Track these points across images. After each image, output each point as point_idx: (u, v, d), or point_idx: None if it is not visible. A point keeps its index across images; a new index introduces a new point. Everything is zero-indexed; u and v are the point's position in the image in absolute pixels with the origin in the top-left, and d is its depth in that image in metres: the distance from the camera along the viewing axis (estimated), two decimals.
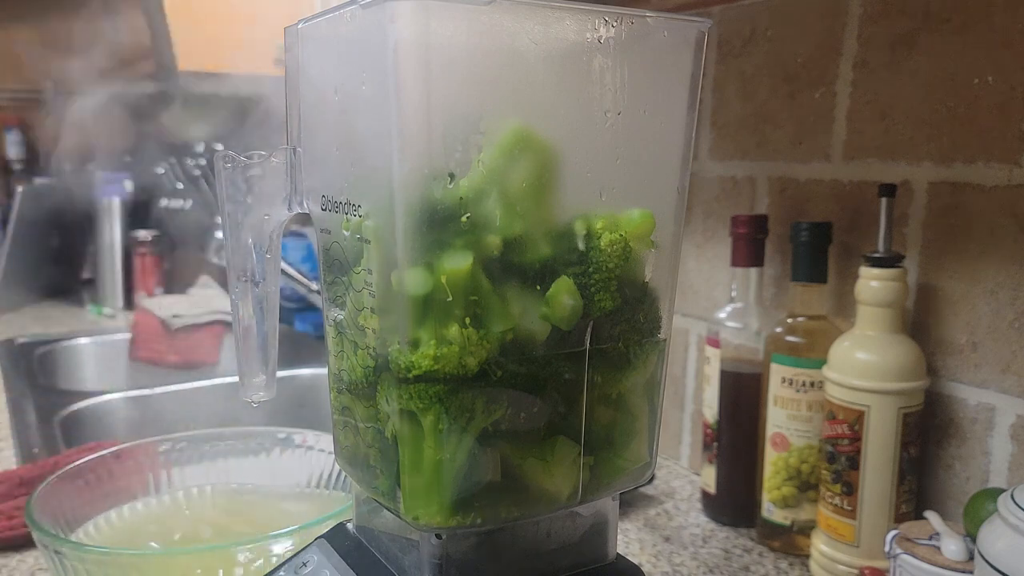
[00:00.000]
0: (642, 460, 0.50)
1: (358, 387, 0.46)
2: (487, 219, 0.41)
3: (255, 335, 0.51)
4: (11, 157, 2.67)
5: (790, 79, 0.88)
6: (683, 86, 0.47)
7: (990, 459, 0.72)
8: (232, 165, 0.48)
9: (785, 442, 0.80)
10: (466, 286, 0.41)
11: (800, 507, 0.80)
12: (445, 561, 0.45)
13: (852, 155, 0.82)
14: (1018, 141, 0.69)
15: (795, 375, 0.79)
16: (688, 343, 1.03)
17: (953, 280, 0.74)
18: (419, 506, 0.43)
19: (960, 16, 0.72)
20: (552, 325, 0.43)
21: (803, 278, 0.80)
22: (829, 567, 0.75)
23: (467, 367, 0.41)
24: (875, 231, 0.73)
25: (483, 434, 0.43)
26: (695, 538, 0.85)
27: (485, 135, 0.41)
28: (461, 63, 0.41)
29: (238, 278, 0.50)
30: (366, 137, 0.43)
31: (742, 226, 0.85)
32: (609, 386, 0.47)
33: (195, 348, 1.55)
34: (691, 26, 0.46)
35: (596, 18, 0.43)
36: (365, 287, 0.44)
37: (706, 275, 1.00)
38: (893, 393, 0.71)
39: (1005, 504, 0.53)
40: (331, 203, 0.46)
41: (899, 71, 0.77)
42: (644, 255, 0.46)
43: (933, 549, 0.63)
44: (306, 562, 0.52)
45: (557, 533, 0.48)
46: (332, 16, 0.44)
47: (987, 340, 0.72)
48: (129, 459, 0.75)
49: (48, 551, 0.62)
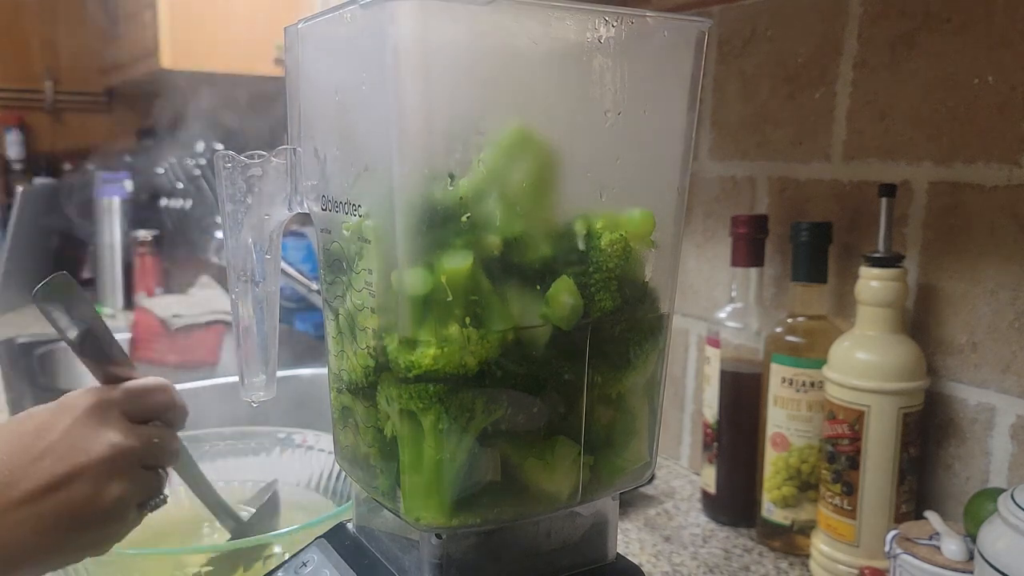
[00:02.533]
0: (642, 460, 0.50)
1: (358, 387, 0.46)
2: (487, 219, 0.41)
3: (255, 335, 0.51)
4: (11, 157, 2.67)
5: (790, 79, 0.88)
6: (683, 86, 0.47)
7: (990, 459, 0.72)
8: (232, 165, 0.48)
9: (785, 442, 0.80)
10: (466, 286, 0.41)
11: (800, 507, 0.80)
12: (445, 561, 0.45)
13: (852, 155, 0.82)
14: (1018, 141, 0.69)
15: (795, 375, 0.79)
16: (688, 343, 1.03)
17: (953, 280, 0.74)
18: (419, 506, 0.43)
19: (960, 16, 0.72)
20: (552, 325, 0.43)
21: (803, 278, 0.80)
22: (829, 567, 0.75)
23: (467, 367, 0.41)
24: (875, 231, 0.73)
25: (483, 434, 0.43)
26: (695, 538, 0.85)
27: (485, 135, 0.41)
28: (461, 63, 0.41)
29: (238, 278, 0.50)
30: (366, 137, 0.43)
31: (742, 226, 0.85)
32: (609, 386, 0.47)
33: (195, 348, 1.55)
34: (691, 26, 0.46)
35: (596, 18, 0.43)
36: (365, 287, 0.44)
37: (706, 275, 1.00)
38: (893, 393, 0.71)
39: (1005, 504, 0.53)
40: (331, 203, 0.46)
41: (899, 71, 0.77)
42: (644, 255, 0.46)
43: (933, 549, 0.63)
44: (306, 562, 0.52)
45: (557, 533, 0.48)
46: (332, 16, 0.44)
47: (987, 340, 0.72)
48: None
49: None
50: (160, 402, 0.59)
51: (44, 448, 0.52)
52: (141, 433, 0.56)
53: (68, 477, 0.52)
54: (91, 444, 0.53)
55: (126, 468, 0.54)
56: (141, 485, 0.56)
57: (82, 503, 0.52)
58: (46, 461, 0.52)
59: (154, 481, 0.58)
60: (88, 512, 0.53)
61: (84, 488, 0.52)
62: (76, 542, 0.54)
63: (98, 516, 0.53)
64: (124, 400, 0.56)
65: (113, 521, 0.54)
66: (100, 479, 0.53)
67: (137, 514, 0.57)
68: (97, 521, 0.53)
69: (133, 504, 0.56)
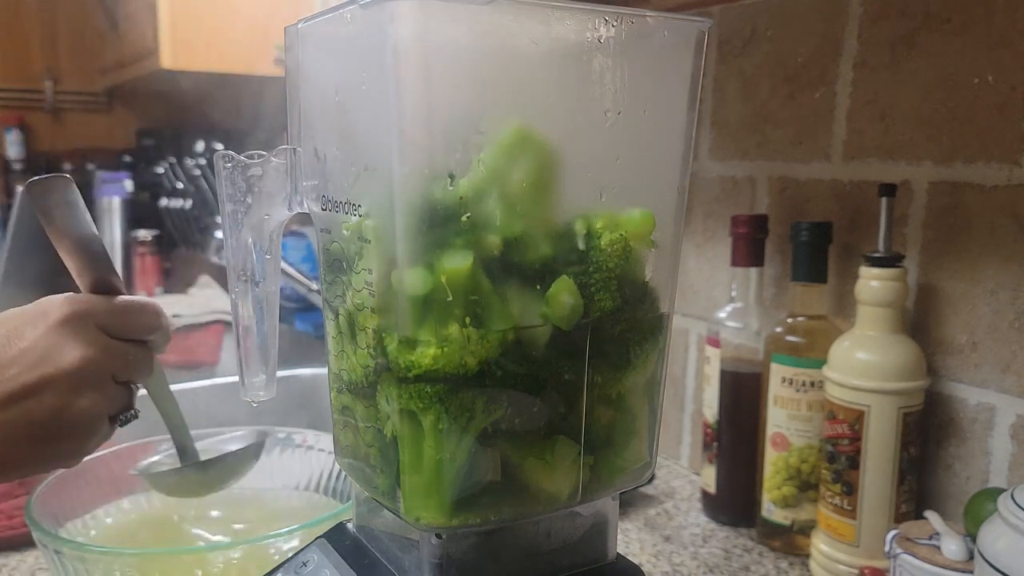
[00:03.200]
0: (642, 460, 0.50)
1: (358, 387, 0.46)
2: (487, 219, 0.41)
3: (255, 335, 0.51)
4: (11, 157, 2.67)
5: (790, 79, 0.88)
6: (683, 86, 0.47)
7: (990, 459, 0.72)
8: (232, 165, 0.48)
9: (785, 442, 0.80)
10: (466, 286, 0.41)
11: (800, 507, 0.80)
12: (445, 561, 0.45)
13: (852, 155, 0.82)
14: (1018, 141, 0.69)
15: (795, 375, 0.79)
16: (688, 343, 1.03)
17: (953, 280, 0.74)
18: (419, 506, 0.43)
19: (960, 16, 0.72)
20: (552, 325, 0.43)
21: (803, 278, 0.80)
22: (829, 567, 0.75)
23: (467, 366, 0.41)
24: (875, 231, 0.73)
25: (483, 434, 0.43)
26: (695, 538, 0.85)
27: (485, 135, 0.41)
28: (461, 63, 0.41)
29: (238, 278, 0.50)
30: (366, 137, 0.43)
31: (742, 226, 0.85)
32: (609, 386, 0.47)
33: (195, 348, 1.55)
34: (691, 26, 0.46)
35: (596, 18, 0.43)
36: (365, 287, 0.44)
37: (706, 275, 1.00)
38: (893, 393, 0.71)
39: (1005, 504, 0.53)
40: (331, 203, 0.46)
41: (899, 71, 0.77)
42: (644, 255, 0.46)
43: (933, 549, 0.63)
44: (306, 562, 0.52)
45: (557, 533, 0.48)
46: (332, 16, 0.44)
47: (987, 340, 0.72)
48: (129, 458, 0.75)
49: (48, 551, 0.62)
50: (145, 324, 0.57)
51: (14, 355, 0.51)
52: (115, 347, 0.55)
53: (36, 387, 0.51)
54: (61, 355, 0.52)
55: (95, 381, 0.53)
56: (112, 398, 0.55)
57: (50, 413, 0.51)
58: (14, 369, 0.51)
59: (124, 395, 0.56)
60: (57, 423, 0.52)
61: (52, 399, 0.51)
62: (46, 452, 0.53)
63: (67, 427, 0.53)
64: (104, 313, 0.55)
65: (83, 433, 0.54)
66: (69, 390, 0.52)
67: (109, 427, 0.56)
68: (66, 432, 0.53)
69: (104, 416, 0.55)
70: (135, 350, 0.57)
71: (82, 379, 0.53)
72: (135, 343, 0.57)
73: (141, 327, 0.57)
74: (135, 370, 0.57)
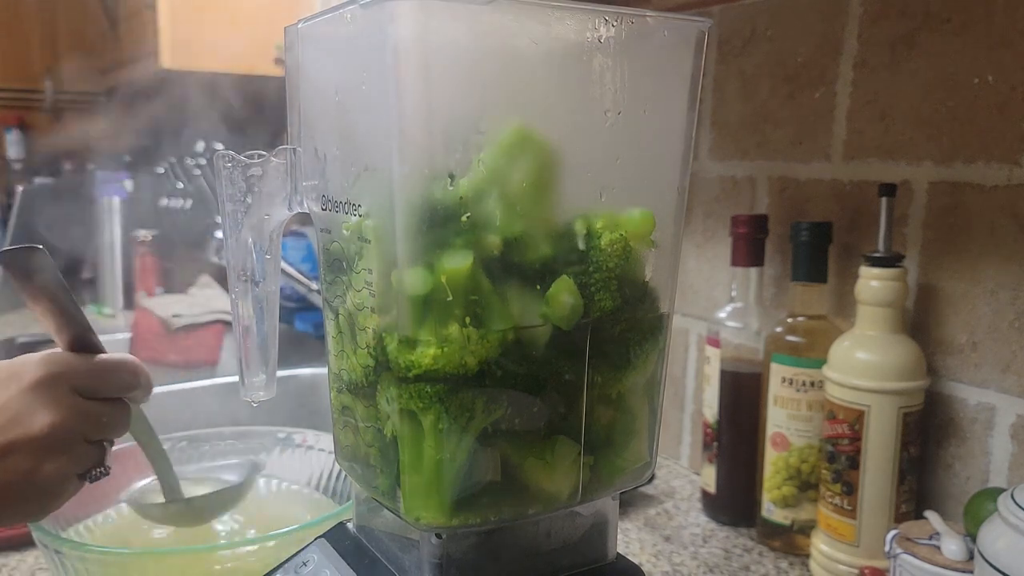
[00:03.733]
0: (642, 460, 0.50)
1: (358, 387, 0.46)
2: (487, 219, 0.41)
3: (255, 335, 0.51)
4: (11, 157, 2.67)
5: (790, 79, 0.88)
6: (683, 86, 0.47)
7: (990, 459, 0.72)
8: (232, 165, 0.48)
9: (785, 442, 0.80)
10: (466, 285, 0.41)
11: (800, 507, 0.80)
12: (445, 561, 0.45)
13: (852, 155, 0.82)
14: (1018, 141, 0.69)
15: (795, 375, 0.79)
16: (688, 343, 1.03)
17: (953, 280, 0.74)
18: (419, 506, 0.43)
19: (960, 16, 0.72)
20: (552, 325, 0.43)
21: (803, 278, 0.80)
22: (829, 567, 0.75)
23: (467, 366, 0.41)
24: (875, 231, 0.73)
25: (483, 434, 0.43)
26: (695, 538, 0.85)
27: (485, 135, 0.41)
28: (461, 63, 0.41)
29: (238, 278, 0.50)
30: (366, 137, 0.43)
31: (742, 226, 0.85)
32: (609, 386, 0.47)
33: (195, 348, 1.55)
34: (691, 26, 0.46)
35: (596, 18, 0.43)
36: (365, 287, 0.44)
37: (706, 275, 1.00)
38: (893, 393, 0.71)
39: (1005, 504, 0.53)
40: (331, 203, 0.46)
41: (899, 71, 0.77)
42: (644, 255, 0.46)
43: (933, 549, 0.63)
44: (306, 562, 0.52)
45: (557, 533, 0.48)
46: (332, 16, 0.44)
47: (987, 340, 0.72)
48: (129, 458, 0.75)
49: (48, 551, 0.62)
50: (122, 382, 0.57)
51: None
52: (88, 409, 0.55)
53: (3, 450, 0.51)
54: (31, 419, 0.52)
55: (64, 445, 0.53)
56: (80, 458, 0.55)
57: (17, 476, 0.51)
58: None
59: (95, 454, 0.56)
60: (22, 486, 0.52)
61: (19, 462, 0.51)
62: (10, 511, 0.53)
63: (32, 490, 0.53)
64: (80, 374, 0.55)
65: (49, 495, 0.54)
66: (36, 454, 0.52)
67: (77, 485, 0.56)
68: (32, 494, 0.53)
69: (72, 477, 0.55)
70: (110, 409, 0.56)
71: (50, 444, 0.52)
72: (111, 401, 0.57)
73: (118, 386, 0.57)
74: (108, 429, 0.57)
